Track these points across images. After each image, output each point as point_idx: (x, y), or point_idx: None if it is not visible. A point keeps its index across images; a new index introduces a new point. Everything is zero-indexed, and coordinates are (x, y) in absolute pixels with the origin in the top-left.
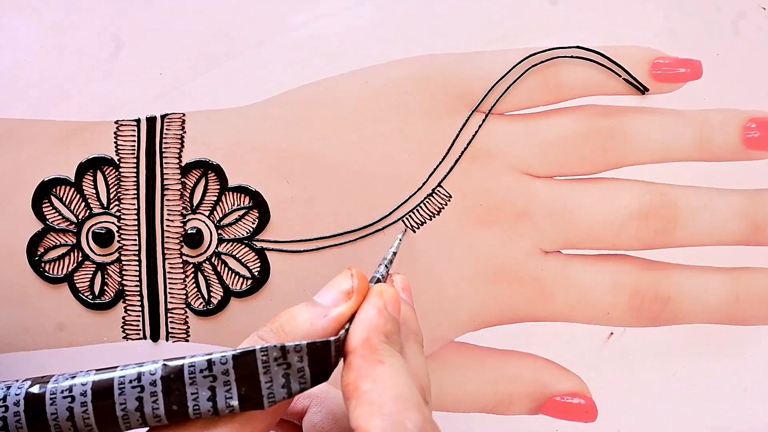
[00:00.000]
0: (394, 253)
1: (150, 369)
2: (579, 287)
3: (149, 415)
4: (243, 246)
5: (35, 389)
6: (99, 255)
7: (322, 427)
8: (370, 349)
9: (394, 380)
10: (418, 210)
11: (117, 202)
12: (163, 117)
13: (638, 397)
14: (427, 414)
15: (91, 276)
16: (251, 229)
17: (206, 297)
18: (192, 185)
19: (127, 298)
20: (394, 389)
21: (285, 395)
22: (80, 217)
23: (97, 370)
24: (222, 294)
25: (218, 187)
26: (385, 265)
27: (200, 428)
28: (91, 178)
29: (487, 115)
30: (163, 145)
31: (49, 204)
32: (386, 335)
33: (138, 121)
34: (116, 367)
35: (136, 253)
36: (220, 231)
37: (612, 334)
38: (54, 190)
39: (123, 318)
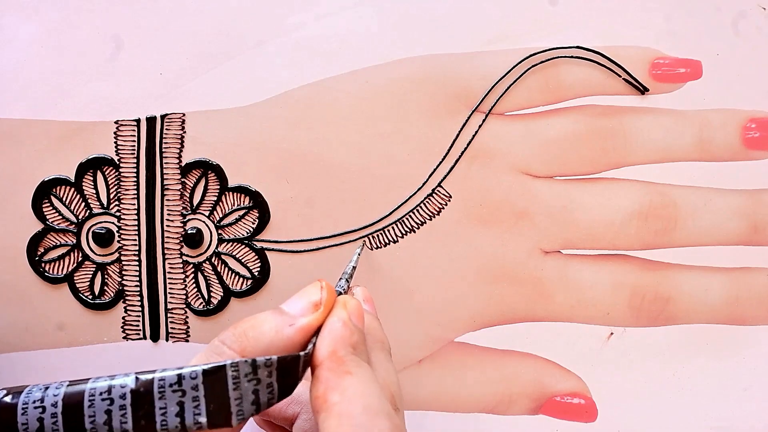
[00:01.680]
0: (354, 267)
1: (121, 382)
2: (579, 287)
3: (117, 429)
4: (243, 246)
5: (8, 399)
6: (99, 255)
7: None
8: (337, 361)
9: (362, 390)
10: (418, 210)
11: (117, 202)
12: (163, 117)
13: (638, 397)
14: (396, 422)
15: (91, 276)
16: (251, 229)
17: (206, 297)
18: (192, 185)
19: (127, 298)
20: (363, 399)
21: (253, 411)
22: (80, 217)
23: (71, 381)
24: (222, 294)
25: (218, 187)
26: (346, 279)
27: None
28: (91, 178)
29: (487, 115)
30: (163, 145)
31: (49, 204)
32: (353, 346)
33: (138, 121)
34: (89, 379)
35: (136, 253)
36: (220, 231)
37: (612, 334)
38: (54, 190)
39: (123, 318)
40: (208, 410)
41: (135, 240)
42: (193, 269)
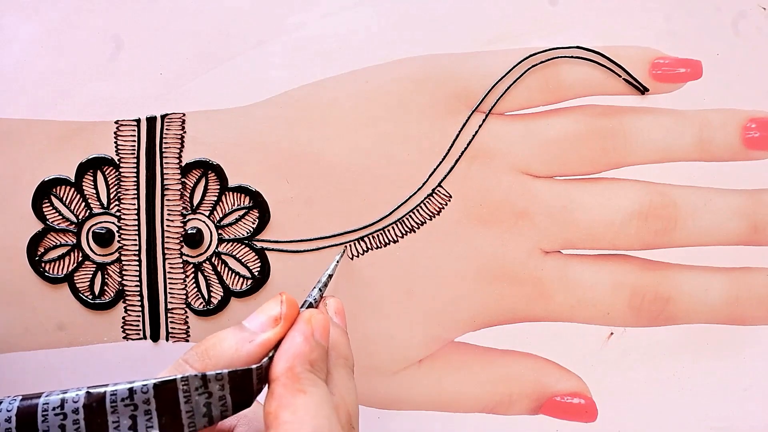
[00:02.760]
0: (330, 276)
1: (73, 396)
2: (579, 287)
3: None
4: (243, 246)
5: None
6: (99, 255)
7: None
8: (293, 377)
9: (314, 412)
10: (418, 210)
11: (117, 202)
12: (163, 117)
13: (638, 397)
14: None
15: (91, 276)
16: (251, 229)
17: (206, 297)
18: (192, 185)
19: (127, 298)
20: (314, 422)
21: (206, 423)
22: (80, 217)
23: (23, 396)
24: (222, 294)
25: (218, 187)
26: (319, 288)
27: None
28: (91, 178)
29: (487, 115)
30: (164, 145)
31: (49, 204)
32: (311, 363)
33: (138, 121)
34: (41, 393)
35: (137, 253)
36: (220, 231)
37: (612, 334)
38: (54, 190)
39: (123, 318)
40: (160, 423)
41: (135, 240)
42: (193, 269)
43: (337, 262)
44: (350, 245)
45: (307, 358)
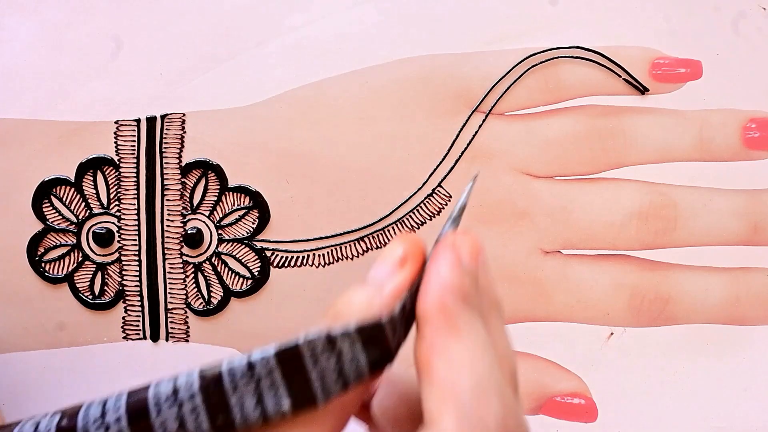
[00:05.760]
0: (462, 208)
1: (185, 382)
2: (579, 287)
3: None
4: (243, 246)
5: (65, 423)
6: (99, 255)
7: (394, 412)
8: (444, 316)
9: (472, 359)
10: (418, 210)
11: (117, 202)
12: (163, 117)
13: (638, 397)
14: (510, 404)
15: (91, 276)
16: (251, 229)
17: (206, 297)
18: (192, 185)
19: (127, 298)
20: (473, 373)
21: (341, 387)
22: (80, 217)
23: (129, 391)
24: (222, 294)
25: (218, 187)
26: (452, 222)
27: None
28: (91, 178)
29: (487, 115)
30: (163, 145)
31: (49, 204)
32: (463, 296)
33: (138, 121)
34: (148, 385)
35: (136, 253)
36: (220, 231)
37: (612, 334)
38: (54, 190)
39: (123, 318)
40: (289, 394)
41: (135, 240)
42: (193, 269)
43: (469, 190)
44: (350, 245)
45: (458, 290)
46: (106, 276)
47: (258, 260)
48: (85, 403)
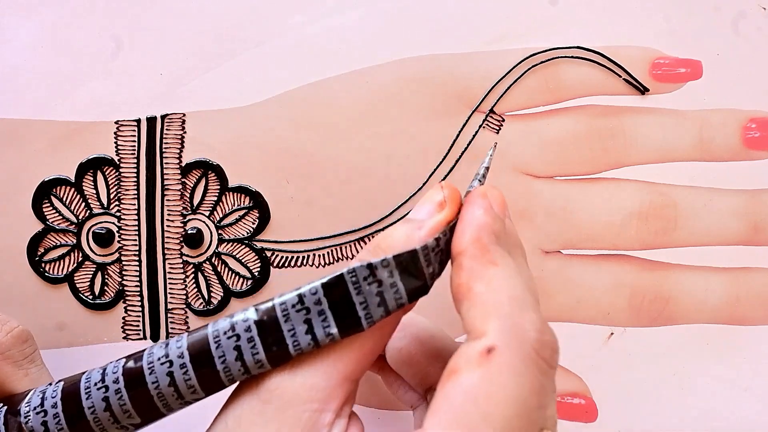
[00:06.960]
0: (487, 168)
1: (242, 317)
2: (579, 287)
3: (250, 363)
4: (243, 246)
5: (131, 364)
6: (99, 255)
7: (408, 353)
8: (481, 249)
9: (508, 282)
10: None
11: (117, 203)
12: (163, 117)
13: (638, 397)
14: (544, 320)
15: (91, 276)
16: (251, 230)
17: (206, 297)
18: (192, 185)
19: (127, 298)
20: (509, 291)
21: (382, 313)
22: (80, 217)
23: (189, 331)
24: (222, 294)
25: (218, 187)
26: (479, 180)
27: (299, 365)
28: (91, 179)
29: (487, 115)
30: (164, 146)
31: (49, 204)
32: (496, 235)
33: (138, 121)
34: (206, 325)
35: (137, 253)
36: (220, 231)
37: (612, 334)
38: (54, 190)
39: (123, 318)
40: (336, 320)
41: (135, 240)
42: (193, 269)
43: (491, 155)
44: (350, 245)
45: (491, 228)
46: (106, 276)
47: (258, 260)
48: (149, 346)
